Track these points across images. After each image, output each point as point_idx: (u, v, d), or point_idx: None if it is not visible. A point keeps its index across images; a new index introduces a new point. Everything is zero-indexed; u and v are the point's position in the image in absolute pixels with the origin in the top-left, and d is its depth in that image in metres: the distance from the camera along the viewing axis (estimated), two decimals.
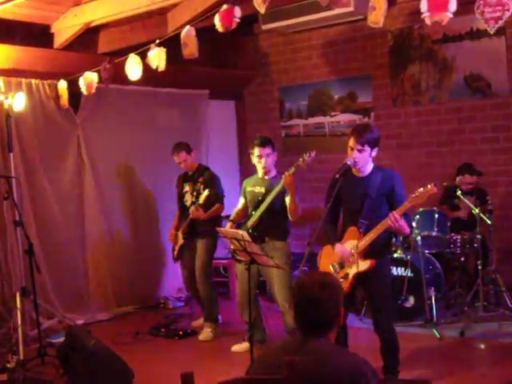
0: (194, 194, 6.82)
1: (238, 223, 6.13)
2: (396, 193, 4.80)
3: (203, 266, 6.83)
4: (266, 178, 6.02)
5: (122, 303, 8.01)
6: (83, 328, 6.27)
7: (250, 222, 5.93)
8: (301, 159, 5.50)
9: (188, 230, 6.89)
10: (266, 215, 5.85)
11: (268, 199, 5.78)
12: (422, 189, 4.57)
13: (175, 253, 7.14)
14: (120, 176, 8.13)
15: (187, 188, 7.00)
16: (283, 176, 5.55)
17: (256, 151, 5.89)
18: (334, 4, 4.84)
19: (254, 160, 5.96)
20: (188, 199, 6.95)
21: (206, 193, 6.51)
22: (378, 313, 4.93)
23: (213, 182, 6.81)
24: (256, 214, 5.88)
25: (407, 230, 4.75)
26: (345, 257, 4.84)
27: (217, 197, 6.74)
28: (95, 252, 7.81)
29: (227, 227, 6.10)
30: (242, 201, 6.25)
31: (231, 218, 6.24)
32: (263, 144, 5.88)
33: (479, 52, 7.64)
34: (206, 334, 6.81)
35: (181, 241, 7.01)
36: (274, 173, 6.03)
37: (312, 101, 9.09)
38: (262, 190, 5.96)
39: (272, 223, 5.89)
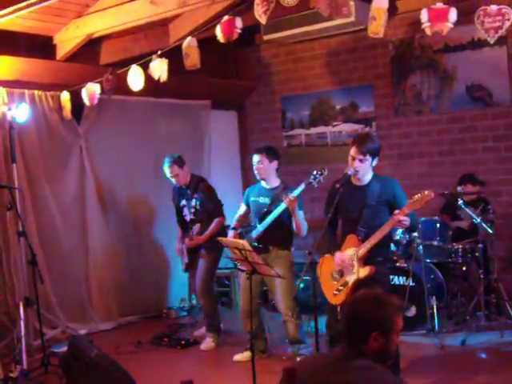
0: (192, 210, 6.82)
1: (240, 232, 6.16)
2: (398, 201, 4.83)
3: (205, 280, 6.83)
4: (269, 187, 6.05)
5: (125, 313, 8.01)
6: (85, 338, 6.27)
7: (255, 234, 5.95)
8: (312, 177, 5.50)
9: (191, 250, 6.91)
10: (271, 227, 5.88)
11: (273, 214, 5.80)
12: (419, 194, 4.61)
13: (184, 266, 7.15)
14: (123, 186, 8.14)
15: (184, 202, 6.98)
16: (286, 199, 5.55)
17: (252, 160, 6.02)
18: (335, 14, 4.87)
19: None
20: (187, 214, 6.95)
21: (197, 226, 6.64)
22: None
23: (209, 198, 6.78)
24: (262, 227, 5.91)
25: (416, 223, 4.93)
26: (344, 265, 4.86)
27: (215, 211, 6.73)
28: (98, 262, 7.81)
29: (230, 235, 6.12)
30: (243, 207, 6.28)
31: (233, 225, 6.28)
32: (255, 151, 6.05)
33: (480, 62, 7.66)
34: (207, 343, 6.81)
35: (186, 259, 7.02)
36: (276, 183, 6.06)
37: (314, 111, 9.12)
38: (267, 200, 5.99)
39: (276, 234, 5.92)
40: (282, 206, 5.68)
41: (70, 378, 5.29)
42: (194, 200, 6.80)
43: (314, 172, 5.49)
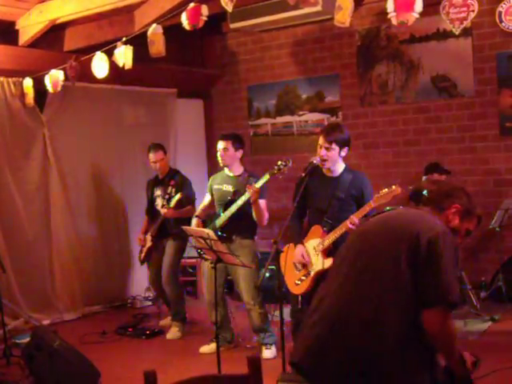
0: (166, 197, 6.77)
1: (204, 219, 6.13)
2: (365, 198, 4.84)
3: (171, 266, 6.80)
4: (232, 175, 6.03)
5: (89, 303, 7.95)
6: (49, 328, 6.20)
7: (219, 223, 5.92)
8: (276, 168, 5.45)
9: (158, 232, 6.86)
10: (235, 216, 5.86)
11: (238, 203, 5.77)
12: (386, 189, 4.61)
13: (142, 255, 7.10)
14: (87, 175, 8.06)
15: (158, 192, 6.95)
16: (250, 189, 5.53)
17: (217, 146, 6.01)
18: (301, 3, 4.86)
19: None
20: (159, 203, 6.91)
21: (177, 196, 6.48)
22: None
23: (184, 185, 6.78)
24: (225, 216, 5.88)
25: None
26: (297, 261, 4.87)
27: (188, 199, 6.71)
28: (62, 251, 7.72)
29: (193, 223, 6.10)
30: (208, 197, 6.24)
31: (197, 213, 6.25)
32: (221, 137, 6.03)
33: (446, 53, 7.71)
34: (173, 333, 6.79)
35: (149, 243, 6.97)
36: (240, 170, 6.04)
37: (280, 100, 9.10)
38: (230, 188, 5.97)
39: (240, 222, 5.90)
40: (246, 195, 5.66)
41: (33, 369, 5.23)
42: (170, 187, 6.76)
43: (279, 162, 5.44)
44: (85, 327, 7.23)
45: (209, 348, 6.11)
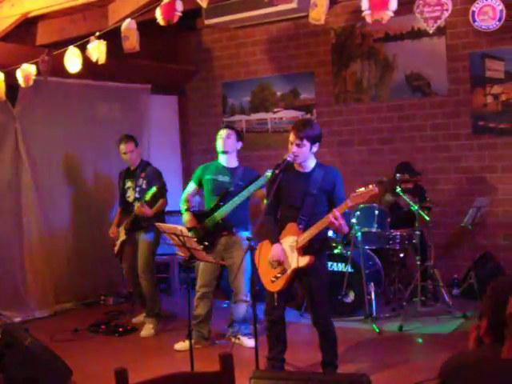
0: (137, 189, 6.73)
1: (194, 211, 6.15)
2: (336, 191, 4.85)
3: (146, 261, 6.77)
4: (229, 167, 6.09)
5: (62, 300, 7.88)
6: (20, 325, 6.13)
7: (220, 214, 5.94)
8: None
9: (131, 225, 6.80)
10: (235, 208, 5.92)
11: (244, 194, 5.88)
12: (363, 188, 4.60)
13: (116, 248, 7.04)
14: (59, 170, 7.99)
15: (129, 184, 6.90)
16: (265, 175, 5.72)
17: (219, 133, 6.11)
18: (276, 0, 4.85)
19: (217, 144, 6.12)
20: (130, 195, 6.86)
21: (153, 190, 6.40)
22: (315, 308, 4.97)
23: (156, 178, 6.75)
24: (228, 208, 5.91)
25: (346, 229, 4.81)
26: (275, 260, 4.86)
27: (161, 192, 6.68)
28: (33, 248, 7.64)
29: (187, 218, 6.07)
30: (193, 186, 6.25)
31: (186, 206, 6.22)
32: (225, 126, 6.22)
33: (420, 51, 7.76)
34: (147, 330, 6.75)
35: (123, 236, 6.91)
36: (236, 163, 6.14)
37: (255, 97, 9.10)
38: (227, 178, 6.03)
39: (239, 214, 5.99)
40: (260, 181, 5.85)
41: (3, 367, 5.16)
42: (141, 180, 6.73)
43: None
44: (57, 325, 7.17)
45: (184, 345, 6.05)
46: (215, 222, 5.94)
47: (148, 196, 6.43)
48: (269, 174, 5.56)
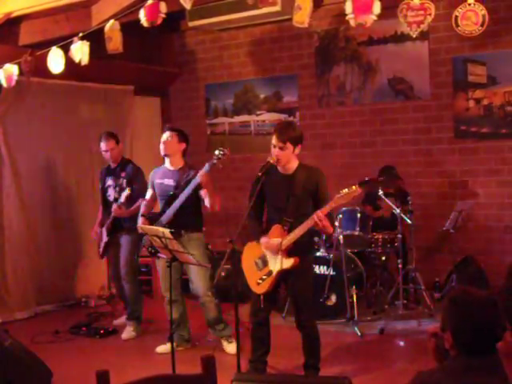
0: (117, 189, 6.68)
1: (150, 217, 6.06)
2: (320, 191, 4.85)
3: (128, 262, 6.72)
4: (173, 168, 6.02)
5: (42, 301, 7.83)
6: (0, 327, 6.09)
7: (166, 219, 5.88)
8: (215, 157, 5.48)
9: (111, 226, 6.76)
10: (180, 209, 5.82)
11: (182, 197, 5.75)
12: (346, 190, 4.61)
13: (101, 250, 6.99)
14: (41, 171, 7.94)
15: (110, 182, 6.83)
16: (200, 175, 5.55)
17: (162, 136, 6.03)
18: (260, 3, 4.86)
19: None
20: (111, 194, 6.79)
21: (126, 192, 6.36)
22: (300, 310, 4.97)
23: (136, 177, 6.70)
24: (171, 211, 5.84)
25: (331, 230, 4.82)
26: (270, 248, 4.84)
27: (140, 192, 6.64)
28: (14, 249, 7.58)
29: (140, 222, 6.01)
30: (150, 192, 6.19)
31: (142, 211, 6.16)
32: (168, 129, 6.08)
33: (403, 55, 7.80)
34: (128, 332, 6.72)
35: (105, 238, 6.87)
36: (180, 164, 6.03)
37: (238, 99, 9.10)
38: (171, 182, 5.96)
39: (187, 216, 5.88)
40: (193, 182, 5.65)
41: None
42: (121, 179, 6.69)
43: (217, 152, 5.47)
44: (37, 326, 7.12)
45: (165, 348, 6.02)
46: (162, 226, 5.76)
47: (123, 198, 6.40)
48: (204, 170, 5.53)
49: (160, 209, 6.05)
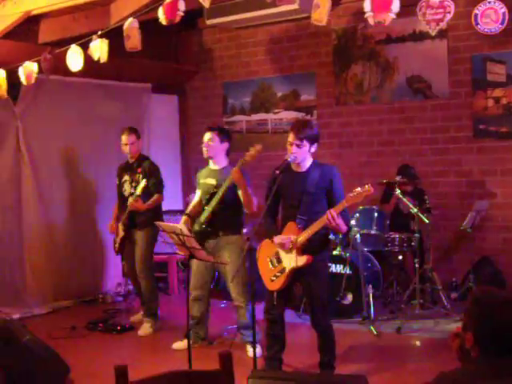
0: (133, 184, 6.71)
1: (193, 216, 6.09)
2: (334, 189, 4.84)
3: (144, 258, 6.75)
4: (217, 168, 5.98)
5: (60, 297, 7.89)
6: (18, 322, 6.12)
7: (203, 217, 5.87)
8: (247, 154, 5.47)
9: (127, 221, 6.79)
10: (219, 209, 5.79)
11: (219, 193, 5.73)
12: (359, 188, 4.60)
13: (117, 245, 7.02)
14: (60, 168, 7.99)
15: (126, 177, 6.87)
16: (231, 171, 5.56)
17: (203, 137, 5.95)
18: (278, 1, 4.86)
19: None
20: (127, 189, 6.83)
21: (142, 184, 6.41)
22: (315, 309, 4.96)
23: (152, 172, 6.73)
24: (208, 209, 5.84)
25: (344, 229, 4.80)
26: (284, 244, 4.83)
27: (156, 187, 6.66)
28: (33, 245, 7.65)
29: (182, 221, 6.02)
30: (198, 193, 6.17)
31: (187, 211, 6.18)
32: (208, 129, 5.98)
33: (421, 54, 7.77)
34: (145, 329, 6.74)
35: (121, 233, 6.88)
36: (224, 163, 5.98)
37: (255, 97, 9.10)
38: (213, 181, 5.92)
39: (225, 217, 5.85)
40: (226, 182, 5.63)
41: (1, 363, 5.17)
42: (137, 174, 6.73)
43: (250, 148, 5.48)
44: (54, 322, 7.17)
45: (181, 344, 6.04)
46: (201, 225, 5.85)
47: (139, 190, 6.42)
48: (238, 164, 5.53)
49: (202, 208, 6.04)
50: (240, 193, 5.70)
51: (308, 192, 4.83)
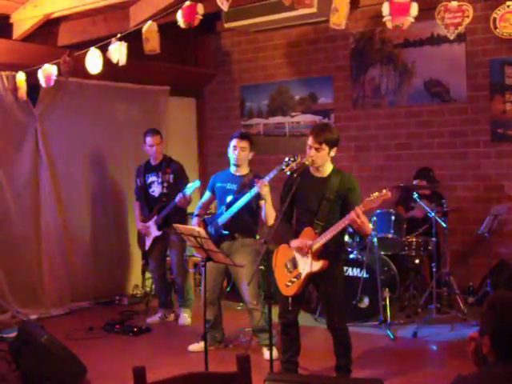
0: (165, 184, 6.91)
1: (205, 218, 6.16)
2: (352, 197, 4.80)
3: (181, 256, 7.09)
4: (238, 174, 6.02)
5: (77, 299, 7.92)
6: (36, 323, 6.19)
7: (222, 221, 5.93)
8: (284, 163, 5.32)
9: (162, 221, 6.93)
10: (237, 214, 5.85)
11: (243, 200, 5.76)
12: (376, 193, 4.58)
13: (148, 243, 7.15)
14: (78, 170, 8.03)
15: (153, 178, 7.05)
16: (259, 184, 5.55)
17: (233, 142, 5.95)
18: (297, 4, 4.86)
19: (229, 151, 5.98)
20: (155, 189, 7.02)
21: (197, 184, 6.60)
22: (331, 313, 4.95)
23: (182, 173, 7.00)
24: (229, 214, 5.87)
25: (369, 229, 4.80)
26: (302, 248, 4.82)
27: (184, 187, 6.78)
28: (51, 246, 7.69)
29: (195, 222, 6.09)
30: (208, 194, 6.23)
31: (197, 212, 6.24)
32: (241, 137, 5.98)
33: (439, 57, 7.74)
34: (184, 318, 7.11)
35: (157, 232, 7.03)
36: (246, 171, 6.03)
37: (273, 100, 9.11)
38: (234, 187, 5.97)
39: (242, 221, 5.91)
40: (253, 190, 5.64)
41: (20, 363, 5.22)
42: (167, 175, 6.93)
43: (287, 158, 5.36)
44: (72, 323, 7.21)
45: (198, 346, 6.07)
46: (217, 228, 5.93)
47: (190, 190, 6.57)
48: (269, 177, 5.55)
49: (218, 211, 6.09)
50: (263, 203, 5.73)
51: (327, 198, 4.81)
